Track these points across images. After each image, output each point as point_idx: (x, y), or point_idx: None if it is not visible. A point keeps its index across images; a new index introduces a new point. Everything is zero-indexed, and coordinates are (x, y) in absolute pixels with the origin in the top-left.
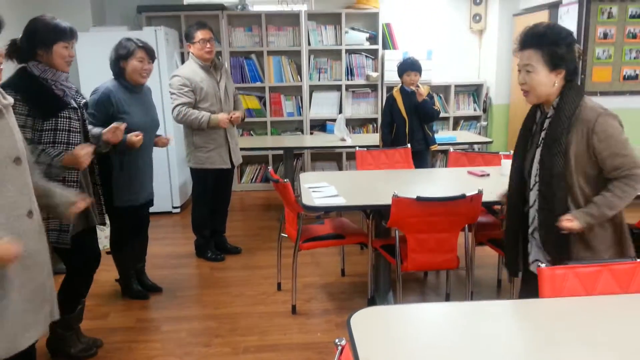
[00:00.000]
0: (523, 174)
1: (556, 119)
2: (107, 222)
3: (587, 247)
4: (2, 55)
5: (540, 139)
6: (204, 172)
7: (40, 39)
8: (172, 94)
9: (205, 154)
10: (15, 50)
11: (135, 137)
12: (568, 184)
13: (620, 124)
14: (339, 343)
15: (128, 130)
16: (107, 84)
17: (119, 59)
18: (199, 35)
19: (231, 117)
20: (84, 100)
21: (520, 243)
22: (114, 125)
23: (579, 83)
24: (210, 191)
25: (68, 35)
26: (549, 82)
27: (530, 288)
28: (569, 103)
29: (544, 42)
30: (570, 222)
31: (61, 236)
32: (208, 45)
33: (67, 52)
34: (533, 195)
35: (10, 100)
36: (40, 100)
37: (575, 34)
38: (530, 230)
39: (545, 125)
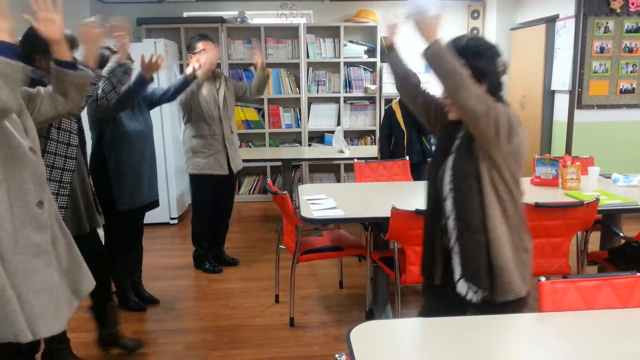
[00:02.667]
0: (436, 184)
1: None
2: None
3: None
4: None
5: (455, 147)
6: (203, 179)
7: (41, 45)
8: None
9: (203, 160)
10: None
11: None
12: (480, 186)
13: (511, 119)
14: (339, 358)
15: (118, 137)
16: None
17: None
18: (200, 46)
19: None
20: None
21: (438, 256)
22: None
23: (505, 98)
24: (210, 201)
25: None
26: None
27: (436, 305)
28: None
29: (466, 55)
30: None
31: None
32: None
33: None
34: (449, 205)
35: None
36: None
37: (572, 48)
38: (450, 245)
39: (461, 134)
